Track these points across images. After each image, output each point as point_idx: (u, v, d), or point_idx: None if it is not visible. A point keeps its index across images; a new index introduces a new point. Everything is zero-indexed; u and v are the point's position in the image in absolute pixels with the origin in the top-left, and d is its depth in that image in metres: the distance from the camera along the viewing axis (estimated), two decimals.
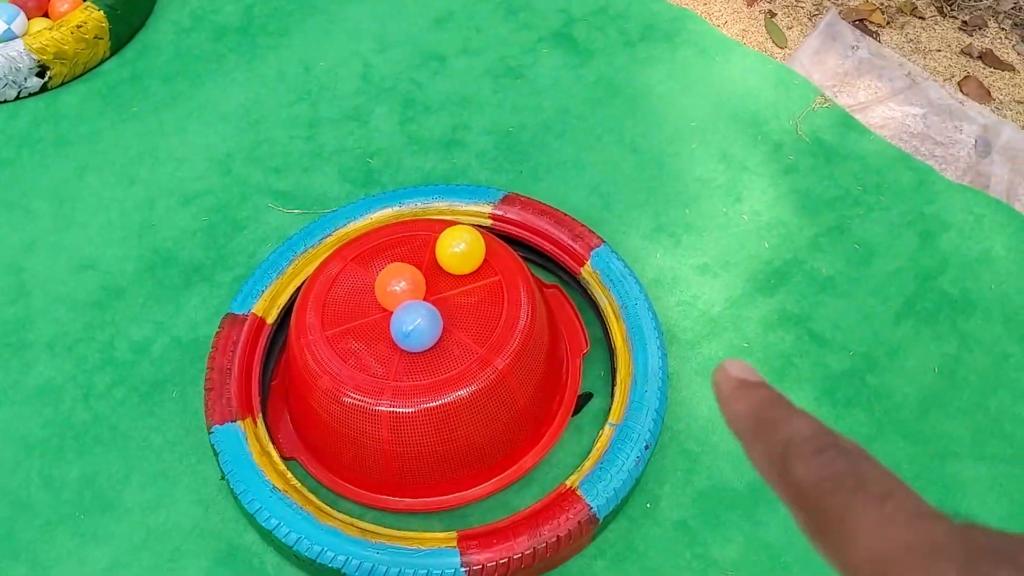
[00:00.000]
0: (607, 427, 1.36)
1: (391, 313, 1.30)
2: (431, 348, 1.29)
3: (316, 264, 1.48)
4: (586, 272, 1.51)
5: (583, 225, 1.56)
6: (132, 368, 1.49)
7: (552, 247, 1.55)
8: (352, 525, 1.25)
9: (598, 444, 1.35)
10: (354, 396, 1.26)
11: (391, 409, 1.25)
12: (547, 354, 1.38)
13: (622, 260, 1.52)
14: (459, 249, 1.34)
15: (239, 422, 1.34)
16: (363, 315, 1.33)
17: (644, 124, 1.82)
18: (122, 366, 1.49)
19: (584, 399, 1.44)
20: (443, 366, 1.27)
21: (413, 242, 1.41)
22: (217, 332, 1.43)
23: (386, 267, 1.32)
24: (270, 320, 1.46)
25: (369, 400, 1.25)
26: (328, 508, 1.28)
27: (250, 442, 1.32)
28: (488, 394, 1.27)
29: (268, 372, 1.46)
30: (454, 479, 1.34)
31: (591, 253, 1.52)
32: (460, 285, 1.36)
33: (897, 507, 0.26)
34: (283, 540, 1.23)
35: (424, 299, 1.33)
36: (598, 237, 1.54)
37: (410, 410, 1.25)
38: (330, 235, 1.55)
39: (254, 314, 1.45)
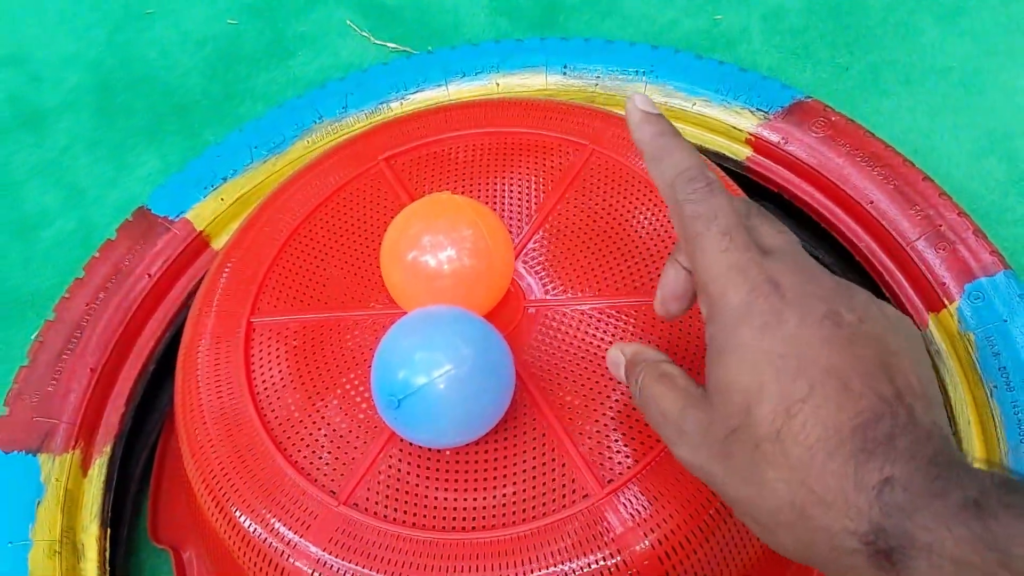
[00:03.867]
0: None
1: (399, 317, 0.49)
2: (474, 444, 0.47)
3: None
4: (942, 325, 0.62)
5: (964, 215, 0.65)
6: None
7: (872, 243, 0.66)
8: None
9: None
10: (248, 513, 0.48)
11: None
12: None
13: None
14: None
15: (45, 457, 0.59)
16: (362, 300, 0.54)
17: None
18: None
19: None
20: (488, 501, 0.46)
21: (530, 152, 0.59)
22: (105, 244, 0.69)
23: (414, 204, 0.50)
24: (218, 244, 0.69)
25: (283, 535, 0.46)
26: None
27: (43, 511, 0.57)
28: None
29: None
30: None
31: (966, 287, 0.62)
32: (611, 291, 0.52)
33: (731, 241, 0.34)
34: None
35: (495, 308, 0.51)
36: (994, 252, 0.63)
37: None
38: (396, 101, 0.74)
39: (188, 223, 0.69)
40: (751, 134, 0.69)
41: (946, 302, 0.62)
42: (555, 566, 0.44)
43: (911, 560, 0.28)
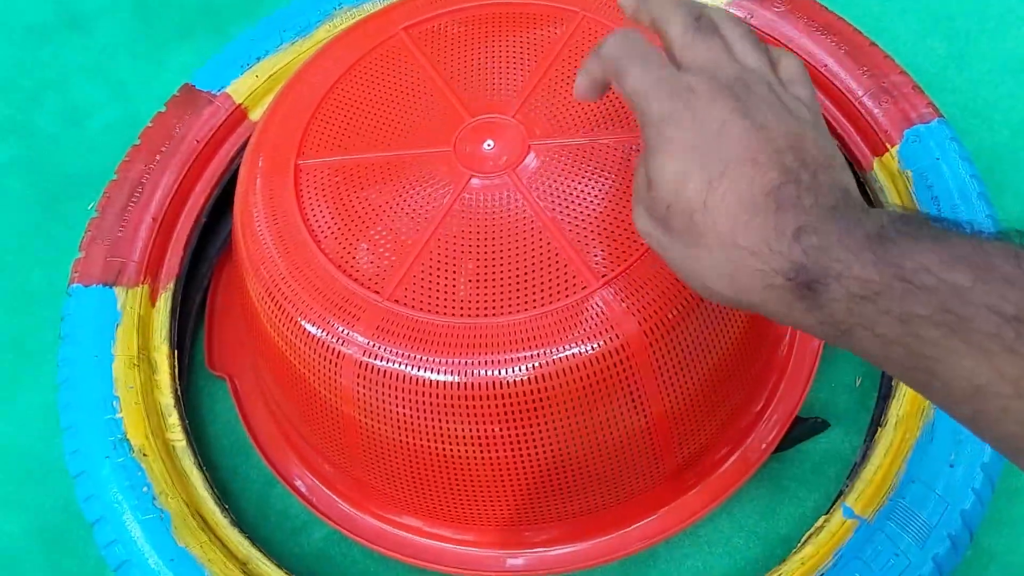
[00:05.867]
0: (839, 517, 0.61)
1: (464, 135, 0.59)
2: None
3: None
4: (884, 166, 0.72)
5: (904, 73, 0.75)
6: (50, 145, 0.88)
7: (825, 99, 0.76)
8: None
9: (811, 549, 0.60)
10: (306, 314, 0.58)
11: (367, 360, 0.56)
12: (747, 323, 0.62)
13: (969, 160, 0.71)
14: None
15: (119, 289, 0.70)
16: (390, 144, 0.63)
17: None
18: (36, 137, 0.88)
19: (807, 429, 0.69)
20: (506, 292, 0.56)
21: (530, 21, 0.68)
22: (157, 115, 0.78)
23: None
24: (255, 115, 0.79)
25: (336, 328, 0.57)
26: (216, 519, 0.63)
27: (121, 332, 0.68)
28: (587, 380, 0.55)
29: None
30: (484, 514, 0.65)
31: (905, 132, 0.72)
32: (598, 131, 0.62)
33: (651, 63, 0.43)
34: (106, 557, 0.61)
35: (507, 142, 0.61)
36: (929, 104, 0.74)
37: (405, 368, 0.55)
38: None
39: (228, 97, 0.78)
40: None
41: (888, 146, 0.72)
42: (561, 345, 0.54)
43: (826, 287, 0.36)
